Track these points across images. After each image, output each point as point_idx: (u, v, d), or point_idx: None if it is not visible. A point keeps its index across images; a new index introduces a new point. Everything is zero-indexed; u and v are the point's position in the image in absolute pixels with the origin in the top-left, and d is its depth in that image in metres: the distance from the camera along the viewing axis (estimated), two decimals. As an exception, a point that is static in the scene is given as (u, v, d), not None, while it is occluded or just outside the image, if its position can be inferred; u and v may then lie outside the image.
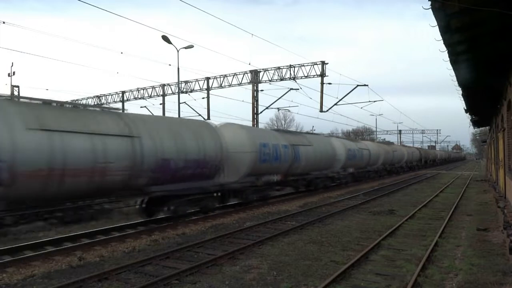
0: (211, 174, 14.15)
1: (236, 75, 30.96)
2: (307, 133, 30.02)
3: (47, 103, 10.30)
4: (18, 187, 8.65)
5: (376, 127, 72.26)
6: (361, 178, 31.30)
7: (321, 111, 27.79)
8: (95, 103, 40.11)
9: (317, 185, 23.52)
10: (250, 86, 30.54)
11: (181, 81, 29.90)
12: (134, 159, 10.95)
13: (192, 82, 33.58)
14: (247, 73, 30.40)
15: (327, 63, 27.26)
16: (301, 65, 28.05)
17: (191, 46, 25.75)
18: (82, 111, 11.04)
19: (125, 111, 14.60)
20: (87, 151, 9.82)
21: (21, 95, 12.44)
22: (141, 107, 39.40)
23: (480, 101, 16.65)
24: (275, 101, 31.26)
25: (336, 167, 25.61)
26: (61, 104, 10.92)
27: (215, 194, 15.06)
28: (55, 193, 9.48)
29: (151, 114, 32.53)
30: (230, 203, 16.63)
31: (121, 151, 10.66)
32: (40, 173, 8.89)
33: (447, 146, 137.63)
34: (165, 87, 36.03)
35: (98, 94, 40.49)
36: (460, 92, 13.95)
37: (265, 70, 29.71)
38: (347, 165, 27.31)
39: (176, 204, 12.92)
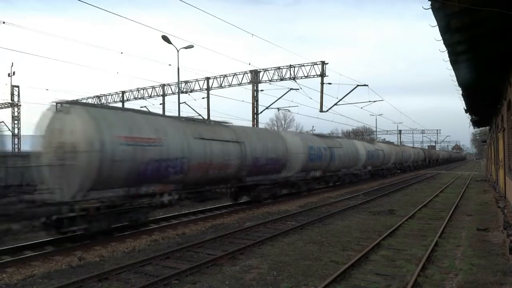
0: (280, 170, 18.59)
1: (236, 75, 30.97)
2: (337, 137, 37.13)
3: (195, 120, 15.79)
4: (190, 175, 12.96)
5: (376, 127, 72.42)
6: (377, 175, 35.83)
7: (321, 111, 27.79)
8: (95, 103, 40.13)
9: (344, 180, 27.78)
10: (250, 86, 30.54)
11: (181, 81, 29.92)
12: (241, 158, 15.39)
13: (192, 82, 33.61)
14: (247, 73, 30.40)
15: (327, 63, 27.29)
16: (301, 65, 28.05)
17: (191, 46, 25.76)
18: (212, 125, 15.48)
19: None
20: (220, 152, 14.18)
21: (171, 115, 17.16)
22: (141, 107, 39.37)
23: (480, 101, 16.65)
24: (275, 101, 31.31)
25: (359, 166, 29.96)
26: (201, 121, 16.60)
27: (276, 185, 18.66)
28: (203, 179, 13.87)
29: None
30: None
31: (235, 152, 15.09)
32: (200, 166, 13.31)
33: (447, 146, 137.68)
34: (165, 87, 36.05)
35: (98, 94, 40.56)
36: (460, 92, 13.95)
37: (265, 70, 29.72)
38: (367, 164, 31.80)
39: (258, 191, 17.23)
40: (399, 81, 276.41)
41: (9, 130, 36.33)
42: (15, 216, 8.46)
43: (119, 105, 38.95)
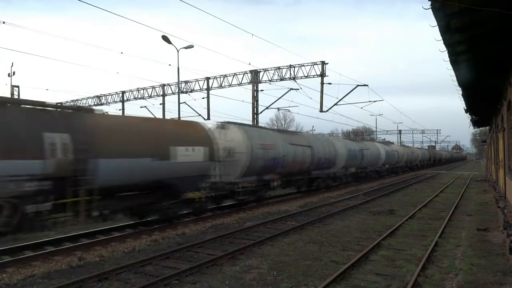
0: (330, 166, 24.70)
1: (236, 75, 30.95)
2: (365, 140, 44.37)
3: (286, 131, 23.67)
4: (286, 168, 18.88)
5: (376, 127, 72.44)
6: (393, 172, 42.67)
7: (321, 111, 27.78)
8: (95, 103, 40.14)
9: (370, 176, 33.87)
10: (250, 86, 30.52)
11: (181, 81, 29.91)
12: (311, 158, 21.30)
13: (192, 82, 33.58)
14: (247, 73, 30.38)
15: (327, 63, 27.26)
16: (301, 65, 28.03)
17: (191, 46, 25.75)
18: (295, 134, 22.77)
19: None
20: (301, 153, 20.15)
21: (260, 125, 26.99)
22: (141, 107, 39.45)
23: (480, 101, 16.65)
24: (275, 101, 31.29)
25: (379, 164, 36.14)
26: (290, 131, 24.85)
27: (327, 178, 24.67)
28: (292, 172, 19.80)
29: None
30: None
31: (308, 153, 20.97)
32: (291, 163, 19.17)
33: (447, 146, 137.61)
34: (165, 87, 36.02)
35: (98, 94, 40.51)
36: (460, 92, 13.95)
37: (265, 70, 29.69)
38: (385, 163, 38.05)
39: (318, 182, 23.51)
40: (399, 81, 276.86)
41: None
42: (219, 189, 14.92)
43: (119, 105, 39.01)
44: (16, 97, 33.99)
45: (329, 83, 27.61)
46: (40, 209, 8.69)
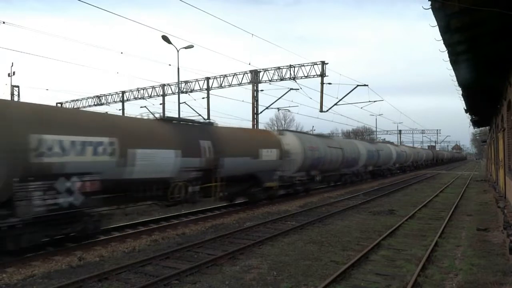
0: (354, 165, 29.09)
1: (236, 75, 30.95)
2: (379, 142, 49.92)
3: (323, 135, 29.20)
4: (325, 166, 23.32)
5: (376, 127, 72.54)
6: (403, 170, 48.44)
7: (321, 111, 27.79)
8: (95, 103, 40.16)
9: (384, 173, 38.94)
10: (250, 86, 30.53)
11: (181, 81, 29.92)
12: (342, 158, 25.74)
13: (192, 82, 33.59)
14: (247, 73, 30.39)
15: (327, 63, 27.27)
16: (301, 65, 28.04)
17: (191, 46, 25.75)
18: (329, 138, 28.68)
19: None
20: (335, 154, 24.43)
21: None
22: (141, 107, 39.54)
23: (480, 101, 16.66)
24: (275, 101, 31.31)
25: (391, 163, 41.61)
26: (326, 136, 30.54)
27: (352, 174, 29.53)
28: (328, 169, 24.17)
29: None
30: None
31: (340, 154, 25.32)
32: (328, 162, 23.49)
33: (447, 146, 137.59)
34: (165, 87, 36.03)
35: (98, 94, 40.52)
36: (460, 92, 13.96)
37: (265, 70, 29.70)
38: (396, 162, 43.57)
39: (345, 178, 28.08)
40: (399, 81, 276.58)
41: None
42: (284, 181, 19.00)
43: (119, 105, 39.01)
44: (16, 97, 34.02)
45: (329, 83, 27.63)
46: (194, 190, 13.28)
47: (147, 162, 11.16)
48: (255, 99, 30.39)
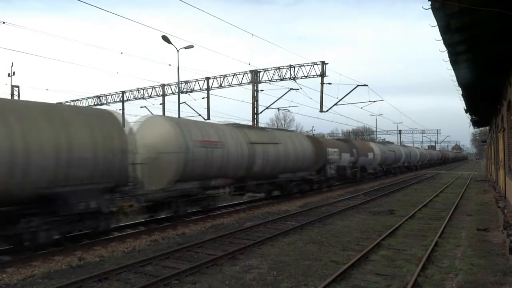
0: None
1: (236, 75, 30.94)
2: (390, 143, 54.92)
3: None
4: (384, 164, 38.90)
5: (376, 127, 72.57)
6: (411, 168, 53.94)
7: (321, 111, 27.78)
8: (95, 103, 40.11)
9: (395, 171, 44.21)
10: (250, 86, 30.52)
11: (181, 81, 29.90)
12: (395, 157, 41.05)
13: (192, 82, 33.57)
14: (247, 73, 30.38)
15: (327, 63, 27.25)
16: (301, 65, 28.03)
17: (191, 46, 25.74)
18: (385, 143, 48.04)
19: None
20: (392, 155, 41.11)
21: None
22: (141, 107, 39.48)
23: (480, 101, 16.65)
24: (275, 101, 31.30)
25: (399, 163, 46.04)
26: (376, 142, 49.00)
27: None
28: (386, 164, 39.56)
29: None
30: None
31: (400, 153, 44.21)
32: (388, 161, 40.12)
33: (447, 146, 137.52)
34: (165, 87, 36.01)
35: (98, 94, 40.50)
36: (460, 92, 13.95)
37: (265, 70, 29.69)
38: (405, 161, 48.77)
39: (394, 170, 41.59)
40: (399, 81, 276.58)
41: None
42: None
43: (119, 105, 38.94)
44: (16, 97, 34.01)
45: (329, 83, 27.61)
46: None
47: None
48: (255, 99, 30.39)
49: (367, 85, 28.74)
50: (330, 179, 25.01)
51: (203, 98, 32.93)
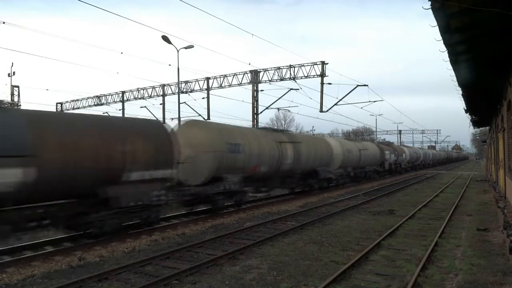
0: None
1: (236, 75, 30.95)
2: (402, 145, 62.94)
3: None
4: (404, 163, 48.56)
5: (376, 127, 72.60)
6: (426, 166, 64.49)
7: (321, 111, 27.78)
8: (95, 103, 40.14)
9: (416, 167, 52.87)
10: (250, 86, 30.52)
11: (181, 81, 29.91)
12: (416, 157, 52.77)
13: (192, 82, 33.58)
14: (247, 73, 30.38)
15: (327, 63, 27.25)
16: (301, 65, 28.03)
17: (191, 46, 25.74)
18: (412, 148, 61.93)
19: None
20: (414, 155, 53.18)
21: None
22: (141, 107, 39.39)
23: (480, 101, 16.64)
24: (275, 101, 31.27)
25: (418, 161, 55.25)
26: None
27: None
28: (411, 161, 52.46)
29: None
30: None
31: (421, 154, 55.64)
32: (408, 160, 51.34)
33: (447, 146, 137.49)
34: (165, 87, 36.01)
35: (98, 94, 40.51)
36: (460, 92, 13.94)
37: (265, 70, 29.69)
38: (422, 160, 59.15)
39: (399, 168, 46.26)
40: (399, 81, 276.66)
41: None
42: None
43: (119, 105, 38.95)
44: (16, 97, 34.02)
45: (329, 83, 27.60)
46: None
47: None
48: (255, 99, 30.38)
49: (367, 85, 28.76)
50: (386, 171, 39.21)
51: (203, 98, 32.96)
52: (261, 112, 30.93)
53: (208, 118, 31.78)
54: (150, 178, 11.32)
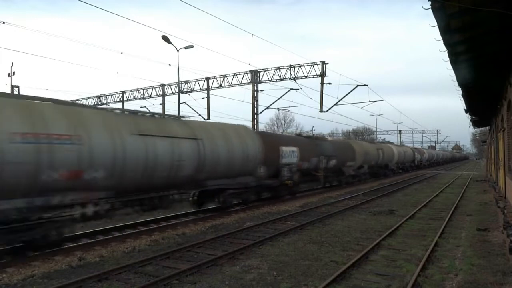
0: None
1: (236, 75, 30.94)
2: (405, 145, 67.20)
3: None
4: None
5: (376, 127, 72.77)
6: (434, 164, 72.44)
7: (321, 111, 27.78)
8: (95, 103, 40.09)
9: (424, 166, 59.15)
10: (250, 86, 30.52)
11: (181, 81, 29.92)
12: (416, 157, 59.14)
13: (192, 82, 33.57)
14: (247, 73, 30.38)
15: (327, 63, 27.24)
16: (301, 65, 28.02)
17: (191, 46, 25.75)
18: (433, 149, 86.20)
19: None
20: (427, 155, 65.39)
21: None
22: (141, 107, 39.36)
23: (480, 101, 16.67)
24: (275, 101, 31.30)
25: (435, 158, 67.33)
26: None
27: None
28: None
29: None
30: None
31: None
32: (425, 159, 66.62)
33: (447, 146, 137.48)
34: (165, 87, 36.00)
35: (98, 94, 40.50)
36: (460, 92, 13.97)
37: (265, 70, 29.69)
38: (429, 159, 65.51)
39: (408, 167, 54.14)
40: (399, 81, 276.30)
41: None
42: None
43: (119, 105, 38.92)
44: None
45: (329, 83, 27.60)
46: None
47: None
48: (255, 99, 30.39)
49: (367, 85, 28.76)
50: (416, 166, 53.33)
51: (203, 98, 32.96)
52: (261, 112, 30.98)
53: (208, 118, 31.81)
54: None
